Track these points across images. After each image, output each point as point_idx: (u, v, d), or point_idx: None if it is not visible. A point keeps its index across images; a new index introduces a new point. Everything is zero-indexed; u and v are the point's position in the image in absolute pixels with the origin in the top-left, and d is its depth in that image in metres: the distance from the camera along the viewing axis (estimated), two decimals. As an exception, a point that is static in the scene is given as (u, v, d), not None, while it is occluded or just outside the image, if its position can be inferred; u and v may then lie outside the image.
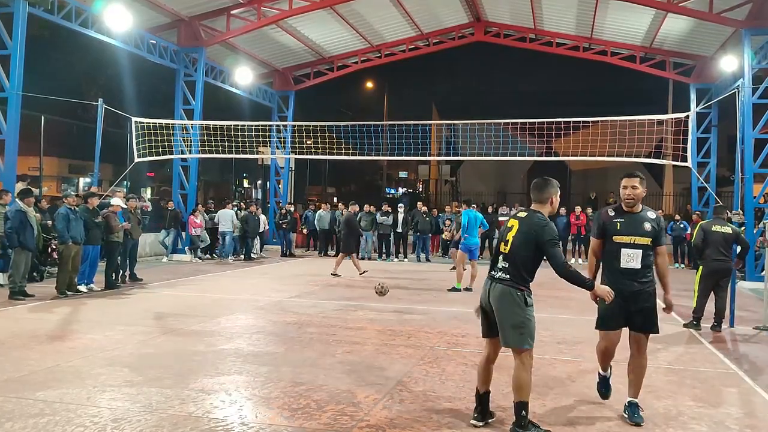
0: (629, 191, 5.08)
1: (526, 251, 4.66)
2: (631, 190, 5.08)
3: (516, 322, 4.65)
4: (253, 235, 18.77)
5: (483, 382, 4.93)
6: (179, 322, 8.70)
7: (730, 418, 5.19)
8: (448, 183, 39.75)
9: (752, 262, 14.66)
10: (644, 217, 5.11)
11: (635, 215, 5.12)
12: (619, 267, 5.08)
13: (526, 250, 4.65)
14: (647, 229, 5.06)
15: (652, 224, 5.09)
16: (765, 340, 8.48)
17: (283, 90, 23.66)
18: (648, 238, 5.06)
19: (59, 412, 4.93)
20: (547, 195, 4.89)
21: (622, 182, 5.15)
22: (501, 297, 4.69)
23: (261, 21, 18.04)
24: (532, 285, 4.80)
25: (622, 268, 5.07)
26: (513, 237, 4.72)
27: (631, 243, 5.07)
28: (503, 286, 4.68)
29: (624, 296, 5.00)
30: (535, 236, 4.63)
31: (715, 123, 20.31)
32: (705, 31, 17.79)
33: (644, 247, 5.06)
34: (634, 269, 5.05)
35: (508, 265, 4.70)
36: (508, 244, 4.72)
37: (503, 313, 4.69)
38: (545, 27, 21.00)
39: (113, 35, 15.82)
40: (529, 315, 4.69)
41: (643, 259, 5.07)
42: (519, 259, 4.66)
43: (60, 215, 10.85)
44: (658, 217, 5.22)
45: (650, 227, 5.07)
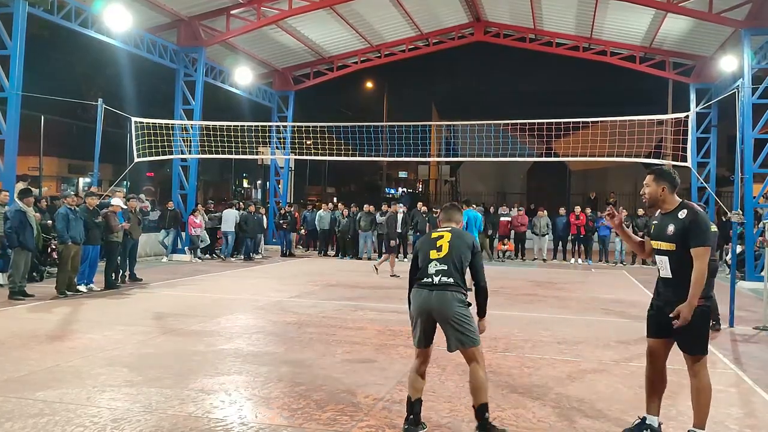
0: (642, 190, 4.65)
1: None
2: (644, 188, 4.63)
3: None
4: (253, 235, 18.76)
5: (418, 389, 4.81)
6: (179, 322, 8.70)
7: (730, 418, 5.19)
8: (447, 183, 39.75)
9: (752, 262, 14.66)
10: (673, 217, 4.45)
11: (666, 216, 4.52)
12: (659, 274, 4.58)
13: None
14: (669, 232, 4.42)
15: (677, 225, 4.39)
16: (764, 340, 8.49)
17: (282, 90, 23.66)
18: (671, 243, 4.41)
19: (59, 412, 4.93)
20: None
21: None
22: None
23: (261, 21, 18.04)
24: (533, 285, 4.78)
25: (660, 276, 4.56)
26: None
27: (658, 248, 4.55)
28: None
29: (659, 307, 4.54)
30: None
31: (715, 123, 20.31)
32: (704, 31, 17.79)
33: (669, 254, 4.43)
34: (667, 278, 4.47)
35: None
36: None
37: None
38: (545, 27, 21.00)
39: (113, 35, 15.82)
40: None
41: (674, 265, 4.42)
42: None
43: (60, 215, 10.85)
44: (693, 213, 4.38)
45: (673, 230, 4.40)
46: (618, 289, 13.46)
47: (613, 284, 14.41)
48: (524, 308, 10.67)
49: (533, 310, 10.56)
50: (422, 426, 4.71)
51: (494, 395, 5.64)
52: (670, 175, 4.58)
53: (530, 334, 8.39)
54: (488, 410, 4.62)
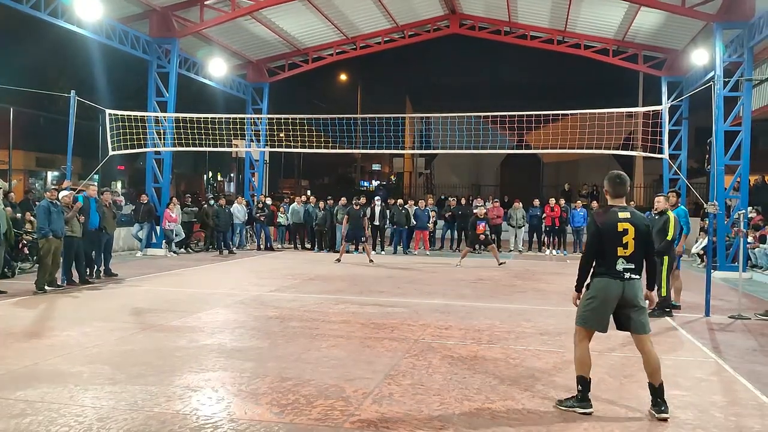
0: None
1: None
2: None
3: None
4: (225, 228, 18.61)
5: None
6: (158, 318, 8.57)
7: (714, 407, 5.28)
8: (422, 176, 39.82)
9: (723, 252, 14.96)
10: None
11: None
12: None
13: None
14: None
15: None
16: (740, 329, 8.66)
17: (257, 82, 23.40)
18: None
19: (41, 412, 4.81)
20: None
21: None
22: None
23: (235, 12, 17.78)
24: (511, 276, 4.80)
25: None
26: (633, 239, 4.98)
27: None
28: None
29: None
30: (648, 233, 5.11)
31: (686, 116, 20.65)
32: (676, 24, 18.04)
33: None
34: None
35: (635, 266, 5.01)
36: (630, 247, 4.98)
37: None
38: (520, 20, 21.09)
39: (83, 25, 15.45)
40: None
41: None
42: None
43: (41, 208, 10.60)
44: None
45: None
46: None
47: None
48: (505, 300, 10.74)
49: (514, 301, 10.63)
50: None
51: (483, 387, 5.66)
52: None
53: (512, 326, 8.44)
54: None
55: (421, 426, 4.67)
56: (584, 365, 5.08)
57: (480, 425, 4.73)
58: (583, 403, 5.01)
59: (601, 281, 5.01)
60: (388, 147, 15.53)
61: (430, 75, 43.43)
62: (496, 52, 31.19)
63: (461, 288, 12.02)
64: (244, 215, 19.82)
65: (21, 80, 19.89)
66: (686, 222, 9.66)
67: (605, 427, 4.73)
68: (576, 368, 5.15)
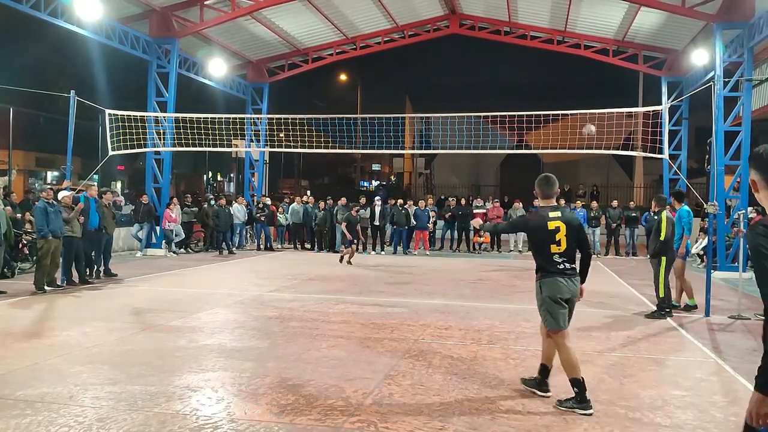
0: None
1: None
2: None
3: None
4: (225, 229, 18.61)
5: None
6: (158, 318, 8.57)
7: (714, 407, 5.28)
8: (422, 176, 39.83)
9: (723, 252, 14.96)
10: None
11: None
12: None
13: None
14: None
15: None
16: (740, 329, 8.65)
17: (257, 82, 23.39)
18: None
19: (41, 412, 4.81)
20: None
21: None
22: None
23: (235, 12, 17.77)
24: (511, 276, 4.82)
25: None
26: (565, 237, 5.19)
27: None
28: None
29: None
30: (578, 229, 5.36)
31: (686, 116, 20.65)
32: (676, 24, 18.04)
33: None
34: None
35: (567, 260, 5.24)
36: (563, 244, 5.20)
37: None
38: (520, 20, 21.08)
39: (83, 25, 15.43)
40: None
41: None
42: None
43: (38, 209, 10.59)
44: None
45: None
46: (594, 280, 13.55)
47: (591, 275, 14.54)
48: (505, 300, 10.74)
49: (514, 301, 10.63)
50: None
51: (483, 388, 5.66)
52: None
53: (512, 326, 8.44)
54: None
55: (421, 426, 4.67)
56: (574, 367, 5.14)
57: (480, 425, 4.73)
58: (583, 404, 5.03)
59: (549, 282, 5.23)
60: (388, 147, 15.53)
61: (430, 75, 43.50)
62: (496, 52, 31.21)
63: (461, 288, 12.02)
64: (244, 215, 19.83)
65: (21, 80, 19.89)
66: (688, 222, 9.64)
67: (605, 427, 4.73)
68: (567, 372, 5.18)
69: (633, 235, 19.59)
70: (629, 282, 13.10)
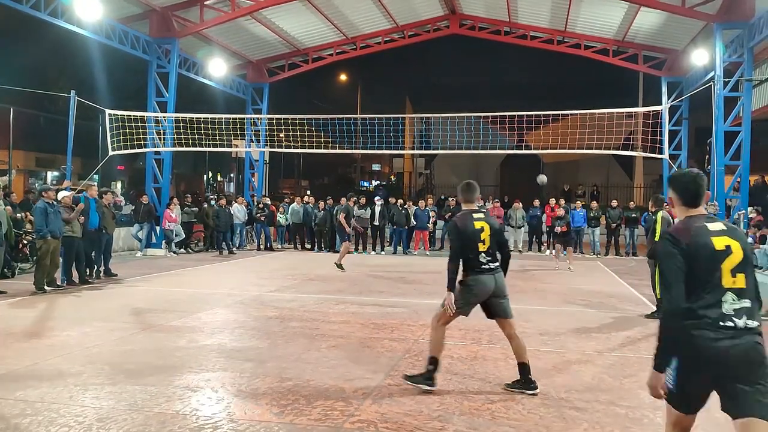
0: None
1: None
2: None
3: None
4: (225, 229, 18.61)
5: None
6: (158, 318, 8.57)
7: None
8: (422, 176, 39.83)
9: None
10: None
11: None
12: None
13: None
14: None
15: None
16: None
17: (257, 82, 23.41)
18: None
19: (41, 412, 4.81)
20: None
21: None
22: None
23: (235, 12, 17.79)
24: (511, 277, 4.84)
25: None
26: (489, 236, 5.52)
27: None
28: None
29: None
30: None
31: (686, 116, 20.67)
32: (676, 24, 18.05)
33: None
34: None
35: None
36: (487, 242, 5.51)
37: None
38: (520, 20, 21.10)
39: (83, 25, 15.46)
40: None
41: None
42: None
43: (38, 209, 10.59)
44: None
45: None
46: (595, 280, 13.63)
47: (590, 275, 14.59)
48: (504, 300, 10.72)
49: (514, 301, 10.50)
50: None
51: (483, 388, 5.67)
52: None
53: (512, 326, 8.42)
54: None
55: (421, 426, 4.67)
56: (440, 348, 5.59)
57: (480, 425, 4.73)
58: (430, 381, 5.46)
59: (476, 278, 5.51)
60: (388, 147, 15.56)
61: (430, 75, 43.47)
62: (496, 52, 31.17)
63: (461, 288, 11.99)
64: (244, 215, 19.83)
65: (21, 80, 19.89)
66: None
67: (605, 428, 4.73)
68: (432, 349, 5.58)
69: (633, 235, 19.59)
70: (629, 282, 13.10)
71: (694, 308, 3.07)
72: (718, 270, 3.07)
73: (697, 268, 3.08)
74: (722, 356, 3.01)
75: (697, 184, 3.29)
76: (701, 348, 3.04)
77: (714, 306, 3.05)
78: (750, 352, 3.03)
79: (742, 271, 3.10)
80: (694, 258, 3.08)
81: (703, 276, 3.07)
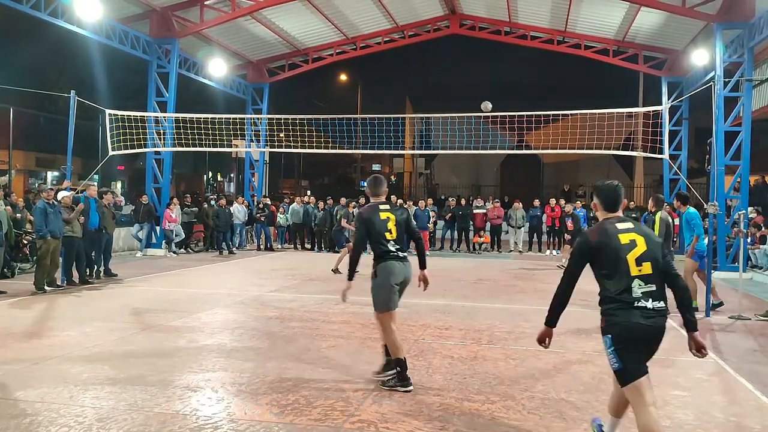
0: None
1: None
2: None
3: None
4: (225, 229, 18.61)
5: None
6: (158, 318, 8.57)
7: (715, 407, 5.28)
8: (422, 176, 39.82)
9: (723, 252, 14.95)
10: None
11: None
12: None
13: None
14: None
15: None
16: (741, 330, 8.65)
17: (257, 82, 23.39)
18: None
19: (41, 412, 4.80)
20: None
21: None
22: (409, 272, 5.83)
23: (235, 12, 17.77)
24: (511, 277, 4.81)
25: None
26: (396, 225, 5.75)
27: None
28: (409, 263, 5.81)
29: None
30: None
31: (686, 116, 20.65)
32: (676, 25, 18.03)
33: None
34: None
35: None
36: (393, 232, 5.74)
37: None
38: (520, 20, 21.08)
39: (83, 25, 15.44)
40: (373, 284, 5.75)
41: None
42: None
43: (37, 209, 10.59)
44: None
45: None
46: (595, 280, 13.58)
47: (590, 275, 14.52)
48: (506, 300, 10.73)
49: (514, 302, 10.63)
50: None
51: (483, 388, 5.66)
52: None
53: (512, 326, 8.43)
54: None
55: (421, 426, 4.67)
56: (399, 348, 5.58)
57: (480, 425, 4.73)
58: (405, 381, 5.50)
59: (386, 265, 5.68)
60: (388, 147, 15.54)
61: (430, 75, 43.47)
62: (496, 52, 31.19)
63: (461, 288, 12.02)
64: (244, 215, 19.83)
65: (21, 80, 19.90)
66: (698, 224, 9.61)
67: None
68: (393, 352, 5.58)
69: (633, 236, 19.53)
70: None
71: (612, 294, 3.75)
72: (625, 261, 3.71)
73: (608, 260, 3.75)
74: (643, 330, 3.67)
75: (616, 193, 3.99)
76: (625, 325, 3.68)
77: (626, 291, 3.69)
78: (660, 330, 3.76)
79: (648, 260, 3.71)
80: (603, 252, 3.77)
81: (614, 266, 3.74)
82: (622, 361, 3.72)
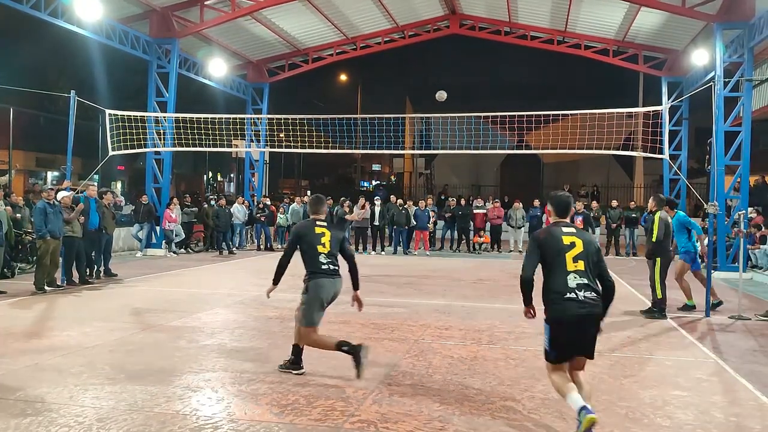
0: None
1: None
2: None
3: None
4: (225, 229, 18.61)
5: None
6: (158, 318, 8.57)
7: (714, 407, 5.28)
8: (422, 176, 39.81)
9: (723, 252, 14.95)
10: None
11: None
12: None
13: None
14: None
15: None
16: (741, 329, 8.65)
17: (257, 82, 23.39)
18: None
19: (41, 413, 4.81)
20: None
21: None
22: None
23: (235, 12, 17.76)
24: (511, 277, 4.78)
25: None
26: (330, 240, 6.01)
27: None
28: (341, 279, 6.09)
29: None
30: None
31: (686, 116, 20.65)
32: (676, 25, 18.03)
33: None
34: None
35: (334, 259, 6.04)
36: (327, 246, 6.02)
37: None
38: (520, 20, 21.08)
39: (83, 25, 15.44)
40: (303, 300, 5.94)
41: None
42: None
43: (37, 209, 10.59)
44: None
45: None
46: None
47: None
48: (506, 300, 10.71)
49: (514, 302, 10.52)
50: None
51: (483, 387, 5.67)
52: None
53: (513, 326, 8.43)
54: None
55: (421, 426, 4.67)
56: (330, 342, 5.85)
57: (480, 425, 4.73)
58: (296, 366, 5.92)
59: (317, 282, 5.88)
60: (388, 147, 15.53)
61: (430, 75, 43.42)
62: (496, 52, 31.17)
63: (461, 288, 12.02)
64: (244, 215, 19.83)
65: (21, 80, 19.91)
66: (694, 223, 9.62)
67: (605, 428, 4.73)
68: (326, 348, 5.86)
69: (633, 236, 19.59)
70: (629, 282, 13.10)
71: (551, 286, 4.42)
72: (564, 258, 4.41)
73: (550, 256, 4.45)
74: (576, 317, 4.33)
75: (567, 203, 4.75)
76: (559, 312, 4.36)
77: (562, 283, 4.38)
78: (590, 317, 4.38)
79: (582, 259, 4.42)
80: (548, 249, 4.47)
81: (554, 262, 4.43)
82: (552, 346, 4.45)
